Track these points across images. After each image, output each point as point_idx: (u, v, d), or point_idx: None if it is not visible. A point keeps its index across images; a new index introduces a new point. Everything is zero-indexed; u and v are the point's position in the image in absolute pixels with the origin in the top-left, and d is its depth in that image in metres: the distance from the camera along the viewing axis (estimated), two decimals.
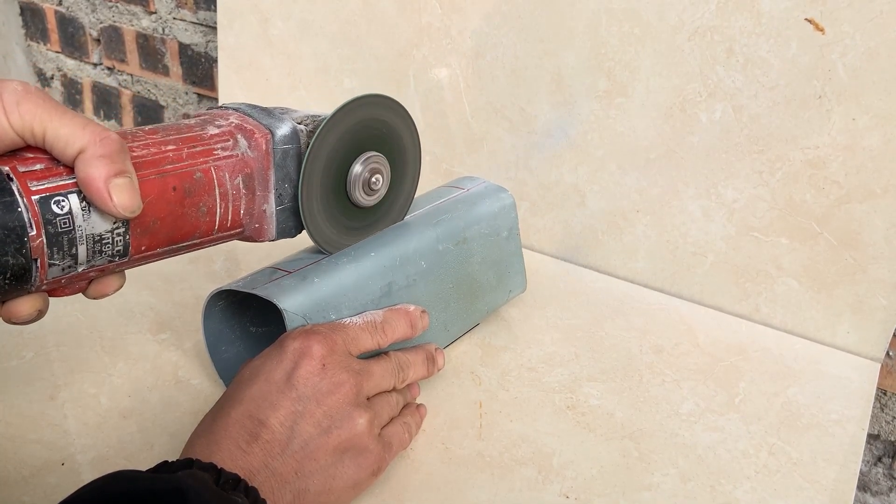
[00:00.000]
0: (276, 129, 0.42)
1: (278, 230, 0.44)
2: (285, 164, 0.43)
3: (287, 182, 0.43)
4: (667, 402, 0.54)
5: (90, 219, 0.34)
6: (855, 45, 0.55)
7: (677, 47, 0.61)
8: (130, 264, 0.38)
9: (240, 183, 0.41)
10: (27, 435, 0.46)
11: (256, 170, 0.42)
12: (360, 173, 0.47)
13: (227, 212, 0.41)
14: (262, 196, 0.43)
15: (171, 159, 0.38)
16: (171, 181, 0.37)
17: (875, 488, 0.76)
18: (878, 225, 0.58)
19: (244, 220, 0.43)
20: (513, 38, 0.68)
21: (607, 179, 0.68)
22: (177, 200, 0.38)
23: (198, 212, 0.39)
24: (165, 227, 0.38)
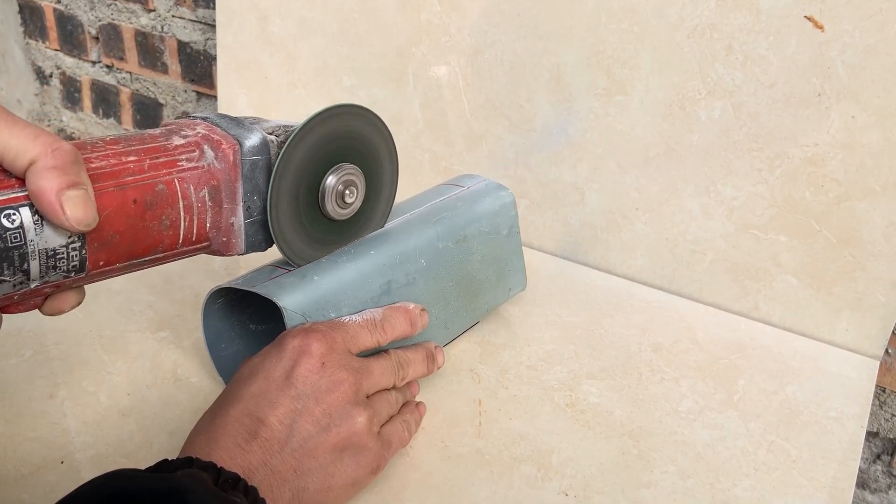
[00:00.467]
0: (245, 140, 0.41)
1: (247, 244, 0.43)
2: (254, 176, 0.41)
3: (256, 194, 0.42)
4: (666, 400, 0.54)
5: (43, 233, 0.33)
6: (854, 43, 0.55)
7: (676, 45, 0.61)
8: (88, 280, 0.37)
9: (205, 195, 0.40)
10: (26, 433, 0.46)
11: (223, 182, 0.41)
12: (333, 185, 0.45)
13: (191, 225, 0.40)
14: (230, 209, 0.41)
15: (131, 171, 0.36)
16: (131, 194, 0.36)
17: (874, 486, 0.76)
18: (878, 222, 0.58)
19: (210, 233, 0.41)
20: (512, 35, 0.68)
21: (607, 177, 0.68)
22: (137, 214, 0.36)
23: (160, 225, 0.38)
24: (125, 241, 0.36)
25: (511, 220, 0.58)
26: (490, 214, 0.57)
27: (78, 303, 0.38)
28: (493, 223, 0.57)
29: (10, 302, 0.35)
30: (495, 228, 0.57)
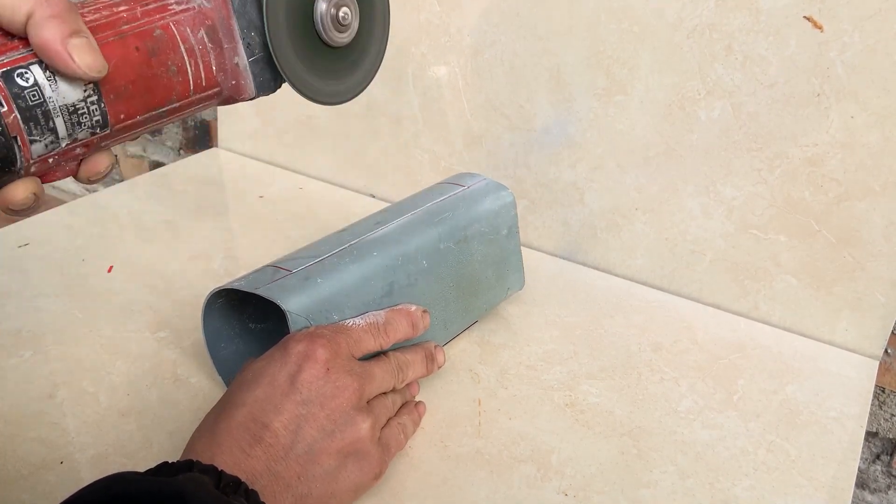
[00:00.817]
0: None
1: (257, 84, 0.43)
2: (246, 11, 0.41)
3: (253, 30, 0.42)
4: (665, 400, 0.54)
5: (58, 88, 0.33)
6: (853, 43, 0.55)
7: (676, 45, 0.61)
8: (115, 137, 0.37)
9: (204, 37, 0.40)
10: (26, 433, 0.46)
11: (218, 20, 0.41)
12: (326, 10, 0.44)
13: (198, 69, 0.40)
14: (231, 48, 0.41)
15: (126, 20, 0.37)
16: (131, 41, 0.36)
17: (873, 486, 0.76)
18: (877, 222, 0.58)
19: (218, 76, 0.41)
20: (511, 35, 0.68)
21: (606, 177, 0.68)
22: (143, 61, 0.37)
23: (168, 71, 0.38)
24: (139, 90, 0.37)
25: (511, 220, 0.58)
26: (490, 215, 0.57)
27: (110, 163, 0.38)
28: (493, 223, 0.57)
29: (46, 168, 0.35)
30: (495, 228, 0.57)
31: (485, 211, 0.57)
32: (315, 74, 0.45)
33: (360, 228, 0.53)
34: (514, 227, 0.59)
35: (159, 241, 0.70)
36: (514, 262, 0.60)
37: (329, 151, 0.83)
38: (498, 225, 0.57)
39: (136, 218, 0.74)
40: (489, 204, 0.57)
